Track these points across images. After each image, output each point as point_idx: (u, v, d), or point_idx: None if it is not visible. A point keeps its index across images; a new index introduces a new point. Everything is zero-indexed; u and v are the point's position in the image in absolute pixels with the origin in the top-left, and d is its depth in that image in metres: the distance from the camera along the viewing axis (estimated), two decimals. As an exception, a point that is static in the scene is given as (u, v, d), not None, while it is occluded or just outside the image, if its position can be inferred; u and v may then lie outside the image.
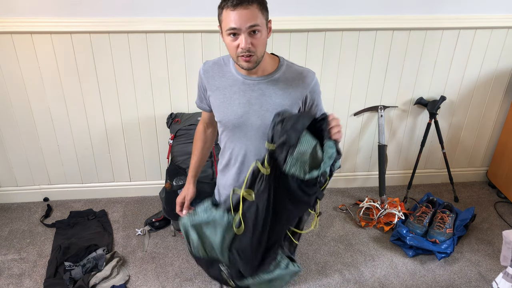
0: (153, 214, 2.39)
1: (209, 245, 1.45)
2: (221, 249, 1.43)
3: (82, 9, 2.02)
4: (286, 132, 1.27)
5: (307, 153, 1.26)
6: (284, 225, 1.40)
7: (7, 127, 2.29)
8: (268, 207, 1.34)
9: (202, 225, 1.43)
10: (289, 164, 1.27)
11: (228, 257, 1.44)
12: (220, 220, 1.41)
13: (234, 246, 1.41)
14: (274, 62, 1.54)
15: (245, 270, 1.41)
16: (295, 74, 1.53)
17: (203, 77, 1.59)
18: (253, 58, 1.41)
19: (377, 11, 2.18)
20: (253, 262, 1.41)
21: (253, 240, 1.38)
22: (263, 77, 1.51)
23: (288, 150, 1.26)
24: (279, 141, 1.27)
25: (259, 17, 1.36)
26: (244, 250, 1.39)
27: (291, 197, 1.33)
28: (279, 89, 1.51)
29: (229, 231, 1.41)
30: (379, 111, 2.42)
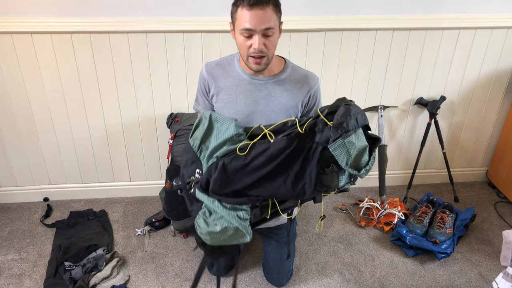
0: (153, 214, 2.39)
1: (208, 142, 1.41)
2: (211, 152, 1.39)
3: (82, 9, 2.02)
4: (349, 116, 1.24)
5: (356, 146, 1.24)
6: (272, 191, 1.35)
7: (7, 127, 2.29)
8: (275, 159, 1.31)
9: (219, 121, 1.42)
10: (337, 145, 1.24)
11: (211, 163, 1.39)
12: (235, 128, 1.39)
13: (225, 159, 1.37)
14: (280, 63, 1.55)
15: (213, 184, 1.36)
16: (300, 77, 1.54)
17: (207, 79, 1.58)
18: (264, 59, 1.42)
19: (377, 11, 2.18)
20: (224, 185, 1.36)
21: (241, 171, 1.34)
22: (270, 77, 1.52)
23: (342, 133, 1.24)
24: (338, 120, 1.25)
25: (273, 19, 1.36)
26: (228, 169, 1.35)
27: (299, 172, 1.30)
28: (285, 90, 1.52)
29: (231, 143, 1.38)
30: (379, 111, 2.42)
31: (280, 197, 1.38)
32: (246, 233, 1.38)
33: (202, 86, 1.62)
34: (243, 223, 1.37)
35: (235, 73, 1.55)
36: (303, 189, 1.32)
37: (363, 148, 1.25)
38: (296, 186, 1.32)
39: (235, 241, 1.40)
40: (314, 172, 1.29)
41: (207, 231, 1.38)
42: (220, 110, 1.57)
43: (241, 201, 1.37)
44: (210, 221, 1.38)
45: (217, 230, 1.36)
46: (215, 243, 1.40)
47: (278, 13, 1.39)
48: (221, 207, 1.36)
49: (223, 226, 1.36)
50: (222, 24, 2.09)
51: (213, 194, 1.37)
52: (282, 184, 1.33)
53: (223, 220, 1.37)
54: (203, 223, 1.39)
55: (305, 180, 1.31)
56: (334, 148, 1.25)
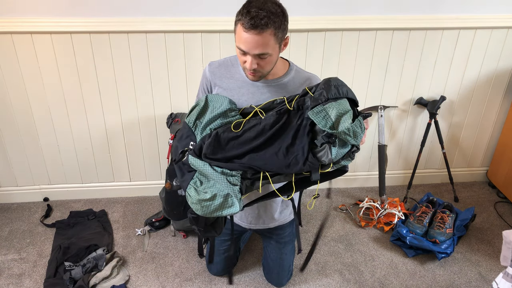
0: (153, 214, 2.39)
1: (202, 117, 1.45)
2: (204, 125, 1.42)
3: (82, 9, 2.02)
4: (329, 87, 1.29)
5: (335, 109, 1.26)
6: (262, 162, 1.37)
7: (7, 127, 2.29)
8: (266, 132, 1.35)
9: (214, 100, 1.45)
10: (315, 110, 1.28)
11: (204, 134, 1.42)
12: (226, 105, 1.42)
13: (218, 129, 1.40)
14: (284, 66, 1.55)
15: (206, 148, 1.39)
16: (303, 80, 1.54)
17: (209, 79, 1.58)
18: (258, 74, 1.42)
19: (377, 11, 2.18)
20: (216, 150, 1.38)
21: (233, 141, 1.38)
22: (273, 81, 1.52)
23: (322, 102, 1.28)
24: (318, 91, 1.29)
25: (270, 44, 1.32)
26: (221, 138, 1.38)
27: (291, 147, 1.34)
28: (287, 93, 1.51)
29: (223, 117, 1.41)
30: (379, 111, 2.42)
31: (272, 169, 1.39)
32: (235, 200, 1.38)
33: (205, 85, 1.62)
34: (233, 188, 1.38)
35: (238, 74, 1.55)
36: (295, 159, 1.34)
37: (345, 111, 1.27)
38: (287, 157, 1.34)
39: (225, 210, 1.39)
40: (306, 145, 1.32)
41: (197, 199, 1.39)
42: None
43: (232, 167, 1.39)
44: (201, 189, 1.40)
45: (207, 197, 1.37)
46: (205, 212, 1.40)
47: (280, 34, 1.34)
48: (212, 170, 1.38)
49: (213, 193, 1.37)
50: (222, 24, 2.09)
51: (205, 158, 1.40)
52: (274, 155, 1.35)
53: (214, 188, 1.39)
54: (194, 191, 1.41)
55: (297, 152, 1.33)
56: (314, 113, 1.28)
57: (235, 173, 1.39)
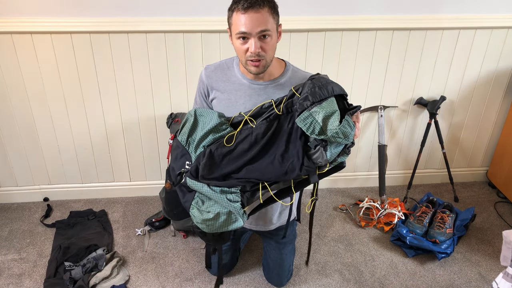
0: (153, 214, 2.39)
1: (194, 135, 1.45)
2: (197, 143, 1.42)
3: (82, 9, 2.02)
4: (313, 89, 1.27)
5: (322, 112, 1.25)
6: (260, 173, 1.37)
7: (7, 127, 2.29)
8: (259, 142, 1.34)
9: (203, 114, 1.45)
10: (303, 117, 1.27)
11: (198, 152, 1.42)
12: (217, 118, 1.42)
13: (211, 147, 1.40)
14: (280, 67, 1.54)
15: (202, 169, 1.39)
16: (300, 79, 1.53)
17: (205, 82, 1.58)
18: (262, 62, 1.41)
19: (377, 11, 2.18)
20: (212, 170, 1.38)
21: (227, 156, 1.37)
22: (270, 82, 1.51)
23: (308, 106, 1.27)
24: (303, 94, 1.28)
25: (269, 21, 1.35)
26: (215, 156, 1.38)
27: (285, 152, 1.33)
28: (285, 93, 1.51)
29: (215, 132, 1.41)
30: (379, 111, 2.42)
31: (269, 178, 1.39)
32: (238, 216, 1.40)
33: (201, 89, 1.62)
34: (234, 205, 1.39)
35: (235, 77, 1.54)
36: (292, 165, 1.33)
37: (331, 113, 1.26)
38: (283, 164, 1.34)
39: (230, 226, 1.42)
40: (300, 149, 1.31)
41: (202, 219, 1.41)
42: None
43: (230, 184, 1.39)
44: (203, 209, 1.41)
45: (210, 217, 1.39)
46: (211, 230, 1.42)
47: (275, 16, 1.38)
48: (211, 191, 1.39)
49: (215, 212, 1.39)
50: (222, 24, 2.08)
51: (202, 179, 1.40)
52: (270, 165, 1.35)
53: (215, 207, 1.40)
54: (197, 212, 1.42)
55: (292, 157, 1.33)
56: (301, 120, 1.28)
57: (234, 189, 1.39)
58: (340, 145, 1.32)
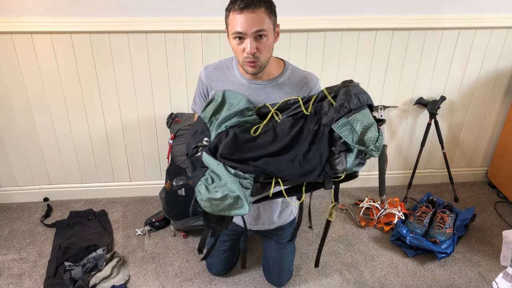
0: (153, 214, 2.39)
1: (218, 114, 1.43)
2: (221, 122, 1.40)
3: (82, 9, 2.02)
4: (350, 96, 1.26)
5: (362, 122, 1.24)
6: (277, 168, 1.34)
7: (7, 127, 2.29)
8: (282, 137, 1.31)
9: (232, 96, 1.43)
10: (340, 124, 1.25)
11: (220, 131, 1.40)
12: (244, 103, 1.40)
13: (235, 129, 1.37)
14: (279, 66, 1.54)
15: (222, 148, 1.36)
16: (299, 79, 1.53)
17: (205, 82, 1.58)
18: (257, 63, 1.41)
19: (377, 11, 2.18)
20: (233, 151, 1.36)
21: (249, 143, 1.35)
22: (268, 81, 1.51)
23: (346, 113, 1.25)
24: (339, 100, 1.26)
25: (266, 21, 1.34)
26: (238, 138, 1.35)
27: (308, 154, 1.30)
28: (284, 93, 1.51)
29: (241, 116, 1.39)
30: (379, 111, 2.42)
31: (286, 175, 1.36)
32: (245, 203, 1.36)
33: (201, 89, 1.62)
34: (245, 191, 1.36)
35: (234, 77, 1.54)
36: (312, 168, 1.30)
37: (370, 125, 1.24)
38: (303, 166, 1.31)
39: (234, 211, 1.38)
40: (325, 153, 1.28)
41: (208, 197, 1.37)
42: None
43: (247, 169, 1.35)
44: (212, 188, 1.37)
45: (217, 196, 1.35)
46: (214, 210, 1.38)
47: (272, 16, 1.37)
48: (226, 172, 1.35)
49: (223, 193, 1.35)
50: (222, 24, 2.06)
51: (221, 157, 1.36)
52: (290, 163, 1.32)
53: (225, 188, 1.36)
54: (204, 189, 1.38)
55: (314, 160, 1.30)
56: (338, 126, 1.25)
57: (248, 176, 1.36)
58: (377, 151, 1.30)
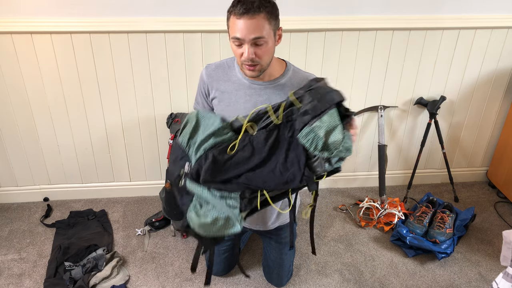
0: (153, 214, 2.39)
1: (195, 138, 1.41)
2: (198, 146, 1.39)
3: (82, 9, 2.02)
4: (313, 101, 1.23)
5: (323, 127, 1.22)
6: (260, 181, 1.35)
7: (7, 127, 2.29)
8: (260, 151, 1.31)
9: (205, 117, 1.40)
10: (304, 133, 1.24)
11: (199, 156, 1.39)
12: (218, 123, 1.38)
13: (213, 151, 1.36)
14: (280, 67, 1.53)
15: (204, 173, 1.36)
16: (300, 80, 1.52)
17: (206, 81, 1.58)
18: (257, 67, 1.40)
19: (377, 11, 2.18)
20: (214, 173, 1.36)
21: (229, 162, 1.34)
22: (270, 82, 1.51)
23: (309, 121, 1.23)
24: (303, 109, 1.24)
25: (265, 28, 1.33)
26: (218, 160, 1.35)
27: (287, 162, 1.30)
28: (285, 94, 1.50)
29: (217, 136, 1.37)
30: (379, 111, 2.42)
31: (269, 186, 1.37)
32: (236, 222, 1.38)
33: (202, 89, 1.61)
34: (233, 210, 1.37)
35: (235, 77, 1.54)
36: (292, 175, 1.32)
37: (333, 127, 1.23)
38: (284, 174, 1.32)
39: (227, 231, 1.39)
40: (302, 159, 1.28)
41: (199, 223, 1.38)
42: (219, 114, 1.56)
43: (232, 188, 1.36)
44: (201, 213, 1.39)
45: (208, 221, 1.37)
46: (208, 234, 1.40)
47: (272, 20, 1.35)
48: (211, 195, 1.37)
49: (213, 217, 1.36)
50: (222, 24, 2.07)
51: (204, 183, 1.37)
52: (271, 173, 1.33)
53: (214, 211, 1.37)
54: (194, 215, 1.40)
55: (294, 167, 1.30)
56: (303, 136, 1.25)
57: (233, 195, 1.37)
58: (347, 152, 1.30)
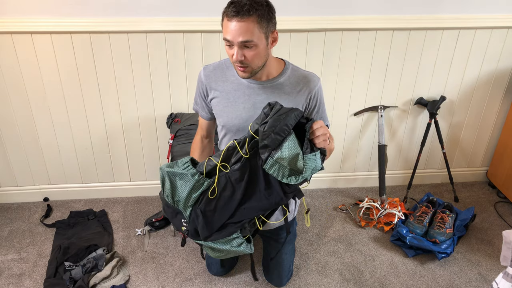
0: (153, 214, 2.39)
1: (177, 196, 1.46)
2: (184, 204, 1.44)
3: (82, 9, 2.02)
4: (269, 134, 1.26)
5: (286, 159, 1.27)
6: (253, 211, 1.41)
7: (7, 127, 2.29)
8: (239, 185, 1.36)
9: (176, 175, 1.44)
10: (269, 165, 1.30)
11: (189, 213, 1.45)
12: (191, 177, 1.41)
13: (200, 206, 1.42)
14: (279, 66, 1.53)
15: (201, 232, 1.43)
16: (299, 79, 1.52)
17: (204, 82, 1.57)
18: (248, 69, 1.40)
19: (377, 11, 2.18)
20: (210, 228, 1.43)
21: (216, 209, 1.40)
22: (268, 81, 1.50)
23: (270, 152, 1.28)
24: (261, 143, 1.28)
25: (255, 31, 1.31)
26: (207, 214, 1.41)
27: (268, 188, 1.36)
28: (284, 93, 1.50)
29: (195, 189, 1.41)
30: (379, 111, 2.42)
31: (263, 211, 1.44)
32: (246, 249, 1.48)
33: (201, 90, 1.61)
34: (241, 246, 1.46)
35: (234, 77, 1.54)
36: (278, 195, 1.37)
37: (293, 156, 1.27)
38: (271, 198, 1.39)
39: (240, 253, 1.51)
40: (276, 183, 1.34)
41: (215, 256, 1.53)
42: (218, 114, 1.56)
43: (230, 232, 1.43)
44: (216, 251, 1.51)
45: (222, 255, 1.51)
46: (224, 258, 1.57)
47: (264, 24, 1.33)
48: (218, 245, 1.46)
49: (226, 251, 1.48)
50: (222, 24, 2.09)
51: (206, 239, 1.46)
52: (259, 202, 1.39)
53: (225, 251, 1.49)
54: (210, 251, 1.52)
55: (275, 189, 1.36)
56: (268, 168, 1.30)
57: (235, 234, 1.44)
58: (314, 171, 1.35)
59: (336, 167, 2.65)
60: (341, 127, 2.50)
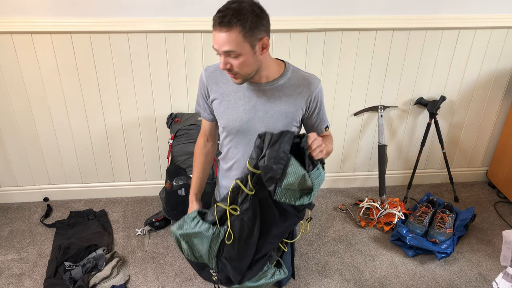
0: (153, 214, 2.39)
1: (198, 253, 1.49)
2: (208, 257, 1.47)
3: (82, 9, 2.02)
4: (271, 167, 1.27)
5: (295, 183, 1.28)
6: (275, 239, 1.44)
7: (7, 127, 2.29)
8: (254, 222, 1.37)
9: (190, 236, 1.46)
10: (279, 194, 1.32)
11: (216, 264, 1.48)
12: (206, 232, 1.43)
13: (224, 255, 1.45)
14: (279, 68, 1.52)
15: (234, 277, 1.46)
16: (300, 81, 1.51)
17: (206, 83, 1.57)
18: (237, 76, 1.40)
19: (377, 11, 2.18)
20: (240, 271, 1.45)
21: (240, 251, 1.42)
22: (268, 83, 1.50)
23: (276, 183, 1.30)
24: (265, 177, 1.30)
25: (238, 42, 1.29)
26: (233, 258, 1.43)
27: (282, 214, 1.38)
28: (284, 95, 1.50)
29: (215, 241, 1.44)
30: (379, 111, 2.42)
31: (284, 236, 1.49)
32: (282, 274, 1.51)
33: (202, 91, 1.61)
34: (275, 277, 1.49)
35: None
36: (292, 217, 1.40)
37: (301, 177, 1.28)
38: (288, 222, 1.41)
39: None
40: (289, 207, 1.37)
41: None
42: (219, 116, 1.56)
43: (260, 267, 1.46)
44: None
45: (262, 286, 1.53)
46: None
47: (248, 35, 1.28)
48: (254, 284, 1.49)
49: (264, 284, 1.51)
50: (222, 24, 2.09)
51: (240, 282, 1.48)
52: (277, 229, 1.42)
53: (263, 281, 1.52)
54: None
55: (289, 213, 1.38)
56: (279, 197, 1.32)
57: (265, 267, 1.48)
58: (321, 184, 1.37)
59: (336, 167, 2.65)
60: (341, 127, 2.50)
